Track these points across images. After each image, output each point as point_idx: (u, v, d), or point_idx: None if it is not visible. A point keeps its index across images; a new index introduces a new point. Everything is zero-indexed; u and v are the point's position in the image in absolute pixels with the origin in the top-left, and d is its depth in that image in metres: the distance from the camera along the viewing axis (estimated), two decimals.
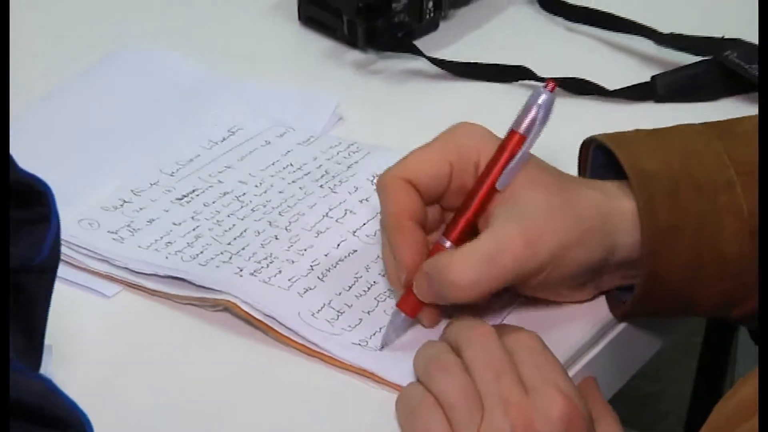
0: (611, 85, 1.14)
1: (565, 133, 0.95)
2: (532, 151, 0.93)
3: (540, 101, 0.93)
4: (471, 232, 0.93)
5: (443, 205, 0.96)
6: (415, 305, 0.94)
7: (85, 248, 1.00)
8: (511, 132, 0.93)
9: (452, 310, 0.95)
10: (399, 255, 0.94)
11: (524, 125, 0.93)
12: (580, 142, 1.00)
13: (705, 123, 1.00)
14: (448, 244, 0.93)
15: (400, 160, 0.95)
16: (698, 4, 1.25)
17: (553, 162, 0.95)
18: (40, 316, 0.79)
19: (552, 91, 0.93)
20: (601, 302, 0.98)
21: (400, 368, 0.91)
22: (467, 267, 0.91)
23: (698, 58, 1.17)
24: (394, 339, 0.94)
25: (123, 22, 1.24)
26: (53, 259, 0.79)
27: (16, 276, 0.77)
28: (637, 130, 0.98)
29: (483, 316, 0.95)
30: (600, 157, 0.98)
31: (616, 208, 0.94)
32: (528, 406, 0.85)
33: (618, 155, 0.95)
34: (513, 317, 0.97)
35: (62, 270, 0.97)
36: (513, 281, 0.93)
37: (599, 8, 1.21)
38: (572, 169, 0.98)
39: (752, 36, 1.16)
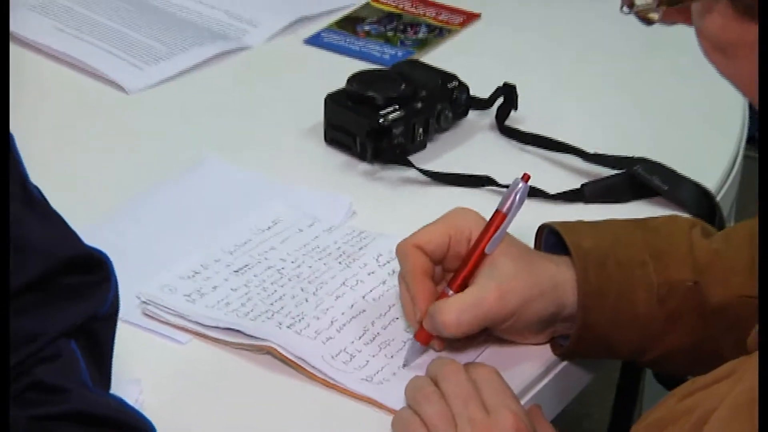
0: (551, 190, 1.14)
1: (520, 223, 0.95)
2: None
3: (518, 188, 0.93)
4: (466, 285, 0.93)
5: (443, 266, 0.96)
6: (426, 336, 0.94)
7: (166, 307, 0.99)
8: (497, 212, 0.93)
9: (452, 341, 0.95)
10: (416, 300, 0.94)
11: (506, 206, 0.93)
12: (531, 229, 0.99)
13: (628, 219, 1.00)
14: (451, 292, 0.93)
15: (414, 233, 0.96)
16: (614, 131, 1.24)
17: None
18: (108, 351, 0.79)
19: (527, 182, 0.93)
20: (548, 346, 0.98)
21: (395, 397, 0.91)
22: (454, 312, 0.91)
23: (615, 172, 1.16)
24: (412, 361, 0.95)
25: (200, 142, 1.23)
26: (114, 309, 0.79)
27: (89, 323, 0.77)
28: (579, 221, 0.99)
29: (467, 350, 0.95)
30: (551, 238, 0.99)
31: (564, 277, 0.94)
32: (489, 423, 0.85)
33: (564, 237, 0.96)
34: (486, 354, 0.96)
35: (149, 323, 0.98)
36: (489, 324, 0.93)
37: (543, 134, 1.21)
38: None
39: (654, 154, 1.17)
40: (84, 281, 0.76)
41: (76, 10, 1.36)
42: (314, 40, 1.37)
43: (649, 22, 0.74)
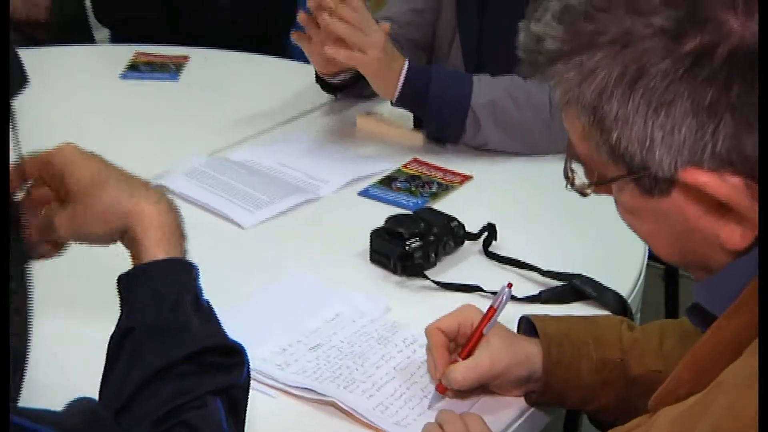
0: (519, 295, 1.13)
1: (503, 316, 0.97)
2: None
3: (504, 292, 0.96)
4: (470, 354, 0.94)
5: (455, 342, 0.97)
6: (443, 389, 0.95)
7: (263, 372, 1.00)
8: (491, 307, 0.95)
9: (459, 392, 0.95)
10: (436, 364, 0.95)
11: (497, 303, 0.95)
12: (506, 320, 0.99)
13: (579, 315, 1.01)
14: (459, 359, 0.94)
15: (437, 320, 0.97)
16: (561, 254, 1.23)
17: None
18: (242, 410, 0.79)
19: (510, 288, 0.96)
20: (523, 397, 0.97)
21: None
22: (460, 373, 0.92)
23: (561, 283, 1.16)
24: (434, 404, 0.95)
25: (288, 260, 1.23)
26: (247, 384, 0.79)
27: (230, 389, 0.76)
28: (546, 315, 1.00)
29: (469, 398, 0.95)
30: (528, 326, 0.99)
31: (534, 352, 0.95)
32: None
33: (536, 325, 0.97)
34: (481, 401, 0.96)
35: (252, 383, 0.97)
36: (483, 381, 0.94)
37: (514, 257, 1.21)
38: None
39: (588, 271, 1.16)
40: (225, 361, 0.78)
41: (210, 174, 1.40)
42: (364, 193, 1.39)
43: (584, 195, 0.76)
